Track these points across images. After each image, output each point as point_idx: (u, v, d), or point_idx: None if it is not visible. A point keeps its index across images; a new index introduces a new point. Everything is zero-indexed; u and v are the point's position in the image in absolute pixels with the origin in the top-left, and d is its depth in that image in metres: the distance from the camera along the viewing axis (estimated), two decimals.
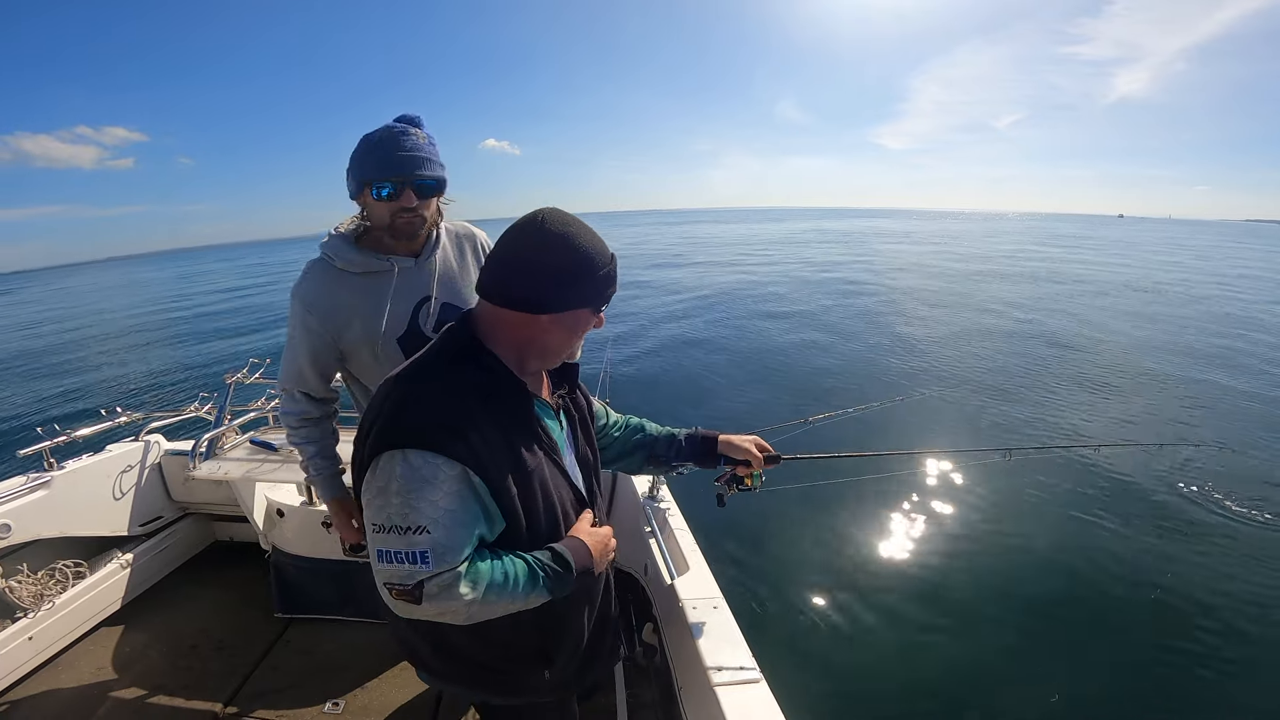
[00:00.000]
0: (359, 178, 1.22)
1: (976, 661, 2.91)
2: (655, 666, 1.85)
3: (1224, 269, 24.47)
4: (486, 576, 0.84)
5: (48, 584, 2.08)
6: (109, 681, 1.92)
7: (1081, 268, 22.84)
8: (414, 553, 0.80)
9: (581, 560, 0.95)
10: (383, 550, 0.81)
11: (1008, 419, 6.20)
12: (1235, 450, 5.22)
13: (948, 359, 8.60)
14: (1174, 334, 10.50)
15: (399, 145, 1.19)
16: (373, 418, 0.88)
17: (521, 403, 0.94)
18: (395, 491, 0.81)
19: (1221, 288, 17.77)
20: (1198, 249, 39.65)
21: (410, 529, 0.80)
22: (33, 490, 2.05)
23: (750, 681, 1.22)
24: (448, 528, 0.81)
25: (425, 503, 0.80)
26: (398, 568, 0.80)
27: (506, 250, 0.90)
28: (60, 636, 2.03)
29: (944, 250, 29.38)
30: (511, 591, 0.86)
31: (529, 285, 0.88)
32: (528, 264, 0.88)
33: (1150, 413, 6.42)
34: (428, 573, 0.80)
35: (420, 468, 0.81)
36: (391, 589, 0.81)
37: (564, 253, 0.87)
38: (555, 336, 0.94)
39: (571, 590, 0.95)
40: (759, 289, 15.89)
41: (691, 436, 1.36)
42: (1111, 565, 3.63)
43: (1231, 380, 7.55)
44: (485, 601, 0.84)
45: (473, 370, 0.90)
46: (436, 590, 0.80)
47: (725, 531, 3.91)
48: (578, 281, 0.89)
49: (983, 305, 13.35)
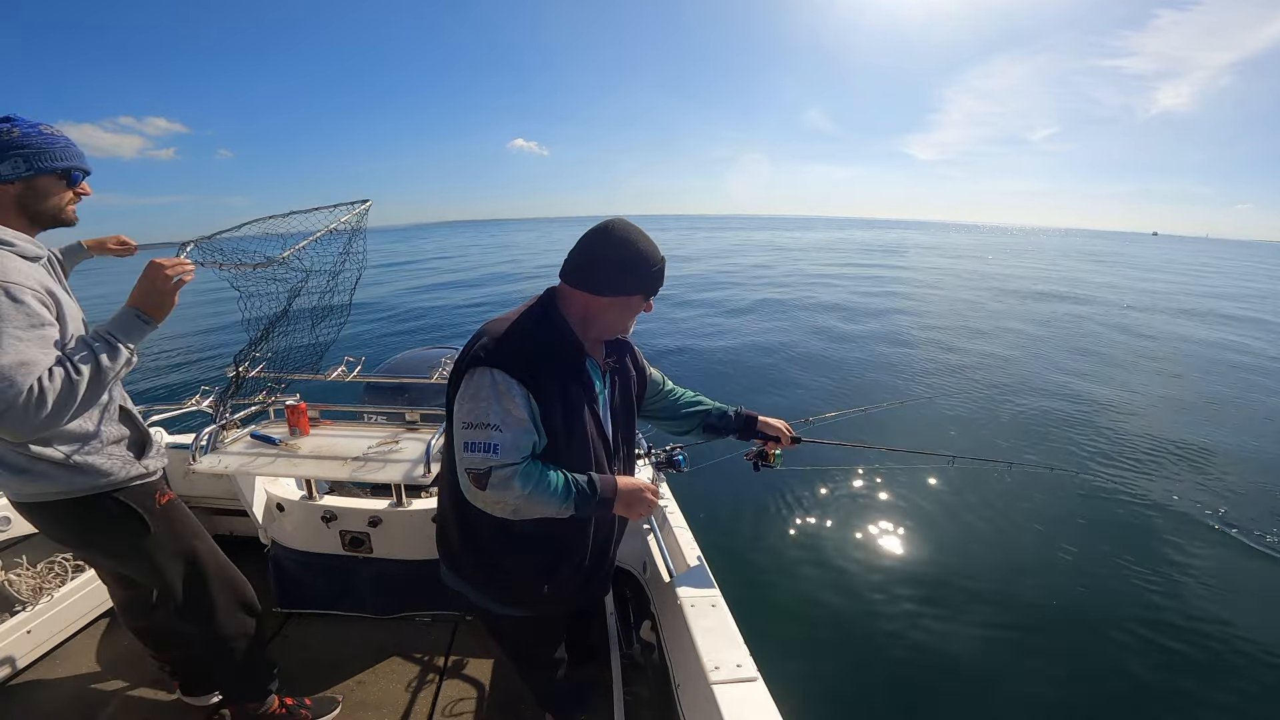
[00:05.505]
0: (63, 162, 1.28)
1: (975, 662, 2.92)
2: (653, 664, 1.85)
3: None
4: (535, 478, 1.09)
5: (46, 577, 2.08)
6: (108, 674, 1.93)
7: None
8: (490, 444, 1.06)
9: (606, 490, 1.18)
10: (467, 441, 1.08)
11: (1029, 429, 6.20)
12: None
13: (976, 366, 8.62)
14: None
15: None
16: (471, 345, 1.16)
17: (577, 356, 1.21)
18: (482, 398, 1.08)
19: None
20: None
21: (490, 425, 1.07)
22: None
23: (747, 679, 1.23)
24: (515, 432, 1.08)
25: (502, 409, 1.08)
26: (475, 455, 1.07)
27: (585, 245, 1.18)
28: (59, 630, 2.03)
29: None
30: (550, 496, 1.10)
31: (597, 272, 1.17)
32: (597, 257, 1.17)
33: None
34: (496, 461, 1.06)
35: (500, 383, 1.09)
36: (469, 473, 1.08)
37: (626, 251, 1.16)
38: (612, 314, 1.21)
39: (591, 513, 1.21)
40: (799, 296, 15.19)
41: (739, 413, 1.65)
42: (1121, 576, 3.63)
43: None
44: (529, 499, 1.08)
45: (549, 328, 1.19)
46: (498, 481, 1.06)
47: (724, 530, 3.92)
48: (633, 273, 1.17)
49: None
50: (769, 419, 1.68)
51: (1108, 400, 7.07)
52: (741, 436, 1.67)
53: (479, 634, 2.13)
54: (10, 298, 1.13)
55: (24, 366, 1.09)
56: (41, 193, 1.28)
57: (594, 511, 1.19)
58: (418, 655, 2.05)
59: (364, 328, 11.06)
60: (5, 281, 1.13)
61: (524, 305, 1.23)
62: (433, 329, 11.54)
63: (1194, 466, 5.18)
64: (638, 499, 1.23)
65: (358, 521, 2.10)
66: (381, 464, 1.89)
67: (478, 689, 1.92)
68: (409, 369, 3.17)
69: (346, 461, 1.92)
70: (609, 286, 1.17)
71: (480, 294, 17.10)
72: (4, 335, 1.10)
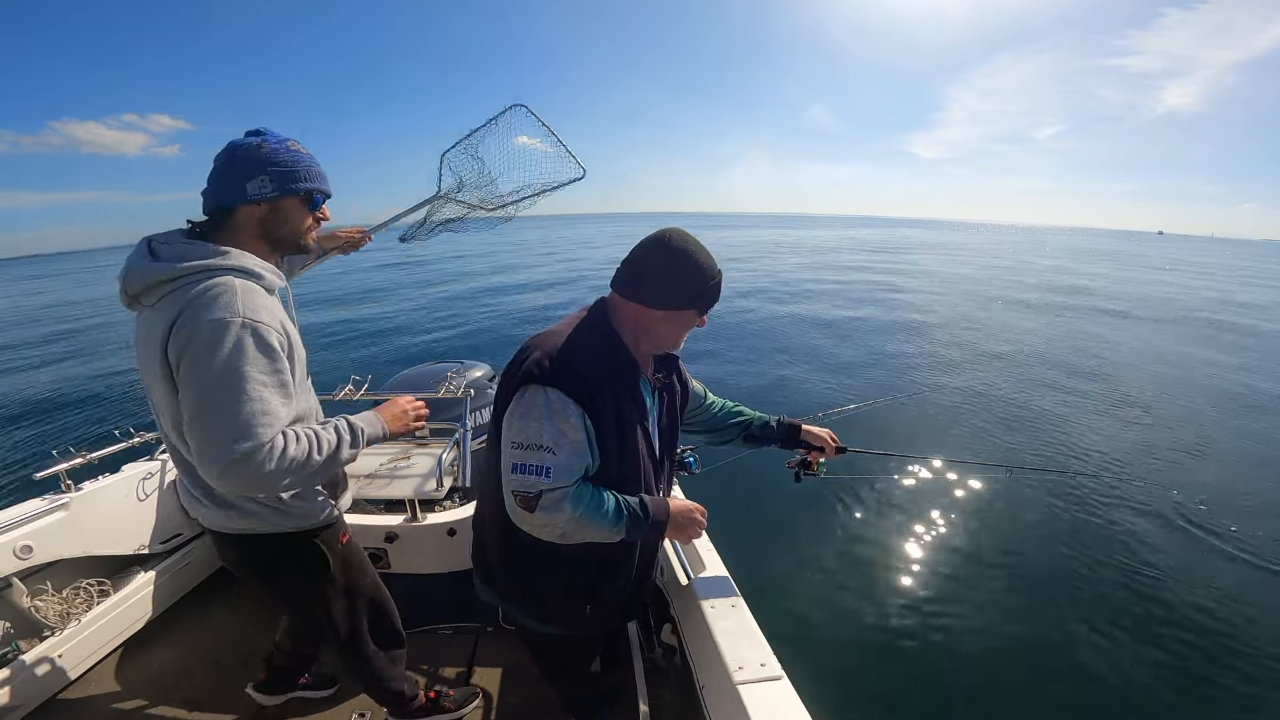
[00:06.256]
0: (307, 183, 1.18)
1: (1002, 663, 2.90)
2: (675, 667, 1.85)
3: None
4: (585, 501, 1.05)
5: (74, 603, 2.10)
6: (139, 697, 1.95)
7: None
8: (542, 466, 1.01)
9: (658, 514, 1.14)
10: (517, 463, 1.02)
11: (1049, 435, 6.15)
12: None
13: (986, 362, 8.57)
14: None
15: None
16: (522, 360, 1.09)
17: (633, 375, 1.16)
18: (535, 417, 1.02)
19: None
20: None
21: (543, 447, 1.01)
22: (52, 511, 2.08)
23: (773, 678, 1.23)
24: (569, 453, 1.03)
25: (556, 430, 1.02)
26: (525, 478, 1.01)
27: (639, 257, 1.12)
28: (88, 654, 2.06)
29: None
30: (601, 519, 1.07)
31: (652, 286, 1.11)
32: (653, 270, 1.11)
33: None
34: (547, 485, 1.01)
35: (555, 402, 1.03)
36: (517, 496, 1.02)
37: (682, 263, 1.10)
38: (665, 329, 1.15)
39: (643, 537, 1.16)
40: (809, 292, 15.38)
41: (781, 422, 1.62)
42: (1159, 576, 3.59)
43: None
44: (580, 523, 1.04)
45: (607, 345, 1.13)
46: (549, 504, 1.01)
47: (740, 531, 3.91)
48: (690, 288, 1.12)
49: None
50: (813, 428, 1.66)
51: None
52: (784, 446, 1.65)
53: (501, 644, 2.14)
54: (256, 338, 1.04)
55: (265, 417, 1.03)
56: (285, 216, 1.18)
57: (646, 535, 1.15)
58: (440, 668, 2.06)
59: (366, 351, 11.01)
60: (254, 321, 1.05)
61: (574, 317, 1.18)
62: (449, 340, 11.52)
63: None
64: (689, 521, 1.21)
65: (374, 538, 2.12)
66: (392, 480, 1.90)
67: (501, 700, 1.93)
68: (416, 385, 3.19)
69: (358, 479, 1.93)
70: (664, 300, 1.11)
71: (506, 299, 16.79)
72: (249, 380, 1.02)
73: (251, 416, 1.01)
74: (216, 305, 1.03)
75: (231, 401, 1.01)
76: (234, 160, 1.13)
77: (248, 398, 1.02)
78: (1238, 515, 4.15)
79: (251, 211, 1.16)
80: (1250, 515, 4.17)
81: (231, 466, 1.00)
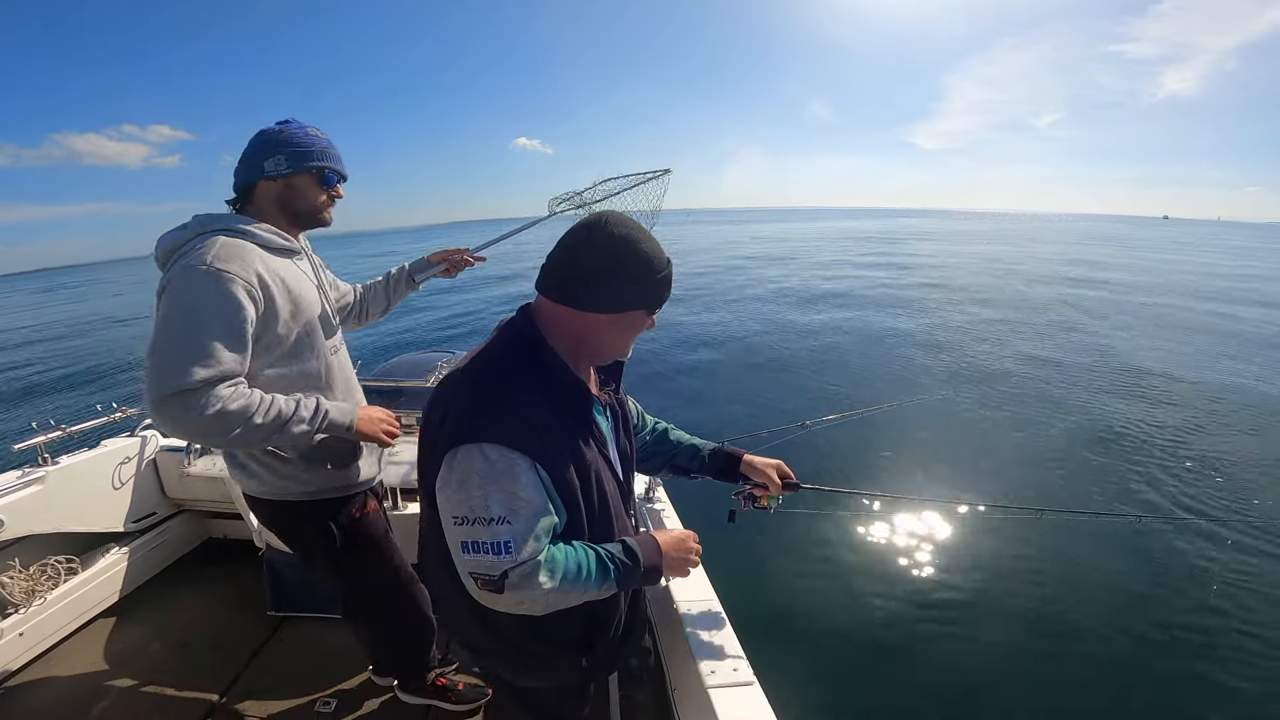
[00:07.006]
0: (319, 161, 1.29)
1: (971, 671, 2.91)
2: (649, 669, 1.84)
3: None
4: (562, 565, 0.86)
5: (40, 580, 2.07)
6: (101, 678, 1.91)
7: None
8: (498, 543, 0.81)
9: (650, 558, 0.98)
10: (467, 542, 0.83)
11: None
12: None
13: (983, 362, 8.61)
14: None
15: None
16: (443, 411, 0.89)
17: (583, 403, 0.96)
18: (476, 485, 0.82)
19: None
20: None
21: (494, 520, 0.81)
22: (26, 485, 2.05)
23: (744, 684, 1.23)
24: (527, 518, 0.83)
25: (505, 494, 0.82)
26: (482, 558, 0.82)
27: (570, 250, 0.91)
28: (52, 632, 2.02)
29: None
30: (585, 582, 0.89)
31: (591, 286, 0.90)
32: (590, 266, 0.90)
33: None
34: (511, 562, 0.81)
35: (497, 461, 0.82)
36: (477, 579, 0.83)
37: (626, 256, 0.89)
38: (612, 335, 0.96)
39: (636, 586, 1.00)
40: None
41: (716, 452, 1.39)
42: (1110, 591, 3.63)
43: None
44: (561, 590, 0.86)
45: (539, 369, 0.92)
46: (518, 580, 0.82)
47: (720, 536, 3.89)
48: (637, 284, 0.91)
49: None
50: (758, 460, 1.40)
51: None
52: (722, 479, 1.42)
53: None
54: (217, 285, 1.08)
55: (206, 360, 1.05)
56: (299, 192, 1.28)
57: (640, 583, 1.00)
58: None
59: (355, 337, 10.94)
60: (221, 270, 1.09)
61: (496, 336, 0.97)
62: (442, 332, 11.48)
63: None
64: (684, 559, 1.06)
65: None
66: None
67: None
68: (404, 373, 3.17)
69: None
70: (605, 301, 0.90)
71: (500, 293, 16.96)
72: (199, 325, 1.06)
73: (191, 358, 1.04)
74: (190, 255, 1.11)
75: (176, 340, 1.05)
76: (257, 142, 1.26)
77: (191, 340, 1.05)
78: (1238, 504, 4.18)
79: (269, 187, 1.26)
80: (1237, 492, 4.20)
81: (163, 403, 1.03)
